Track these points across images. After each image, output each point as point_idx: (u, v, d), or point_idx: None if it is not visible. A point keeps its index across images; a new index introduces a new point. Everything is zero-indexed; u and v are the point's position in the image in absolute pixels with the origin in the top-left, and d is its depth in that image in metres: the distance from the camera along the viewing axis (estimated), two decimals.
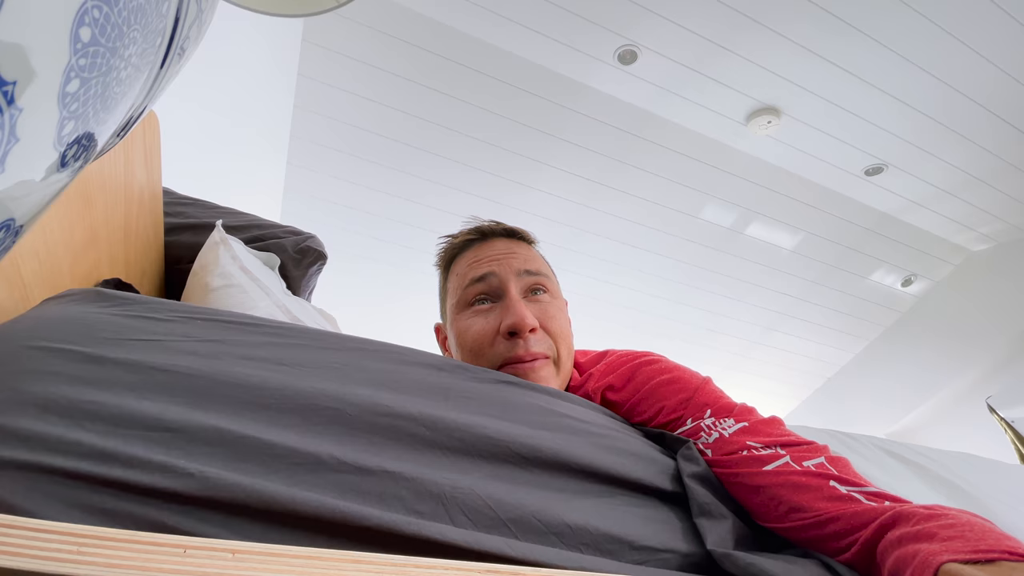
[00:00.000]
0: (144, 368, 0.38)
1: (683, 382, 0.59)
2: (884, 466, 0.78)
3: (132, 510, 0.30)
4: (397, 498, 0.36)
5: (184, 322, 0.44)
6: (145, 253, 0.79)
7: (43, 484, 0.30)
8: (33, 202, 0.23)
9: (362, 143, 2.39)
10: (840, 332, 3.59)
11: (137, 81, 0.24)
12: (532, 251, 0.74)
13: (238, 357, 0.42)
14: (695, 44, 1.98)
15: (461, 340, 0.66)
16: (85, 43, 0.19)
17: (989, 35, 1.88)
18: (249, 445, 0.35)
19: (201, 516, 0.31)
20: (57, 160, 0.21)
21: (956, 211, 2.77)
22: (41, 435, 0.31)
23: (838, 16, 1.85)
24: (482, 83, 2.19)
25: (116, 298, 0.46)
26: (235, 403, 0.38)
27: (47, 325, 0.39)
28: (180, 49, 0.28)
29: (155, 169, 0.81)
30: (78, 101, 0.20)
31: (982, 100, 2.13)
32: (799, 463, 0.47)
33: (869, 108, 2.20)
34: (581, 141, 2.43)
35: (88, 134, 0.23)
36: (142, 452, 0.32)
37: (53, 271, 0.53)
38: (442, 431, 0.41)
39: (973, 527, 0.36)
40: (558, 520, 0.39)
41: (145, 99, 0.28)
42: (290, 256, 0.94)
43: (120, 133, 0.31)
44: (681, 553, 0.42)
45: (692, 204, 2.75)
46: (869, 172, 2.55)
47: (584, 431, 0.49)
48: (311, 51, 2.06)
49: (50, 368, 0.35)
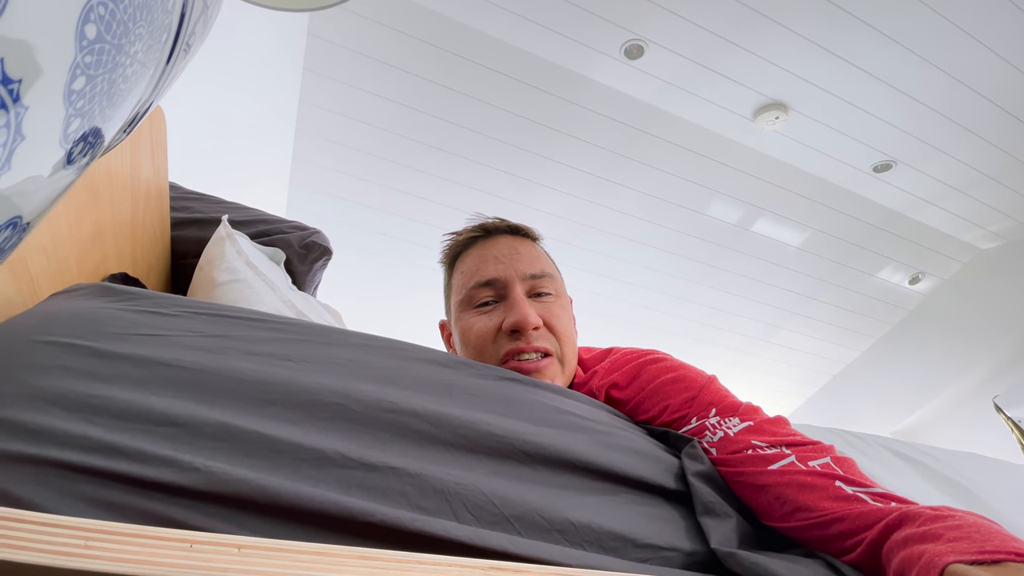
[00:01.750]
0: (151, 363, 0.38)
1: (688, 380, 0.59)
2: (889, 465, 0.78)
3: (139, 504, 0.31)
4: (401, 494, 0.36)
5: (190, 317, 0.44)
6: (152, 248, 0.79)
7: (50, 478, 0.30)
8: (40, 200, 0.23)
9: (367, 138, 2.39)
10: (846, 330, 3.57)
11: (143, 78, 0.24)
12: (536, 249, 0.73)
13: (243, 352, 0.42)
14: (702, 39, 1.96)
15: (465, 338, 0.66)
16: (91, 40, 0.19)
17: (999, 30, 1.86)
18: (254, 440, 0.35)
19: (207, 510, 0.32)
20: (63, 157, 0.21)
21: (965, 208, 2.75)
22: (48, 429, 0.32)
23: (846, 10, 1.83)
24: (487, 78, 2.18)
25: (123, 293, 0.46)
26: (240, 398, 0.38)
27: (55, 320, 0.40)
28: (186, 45, 0.28)
29: (161, 163, 0.81)
30: (84, 98, 0.20)
31: (992, 96, 2.11)
32: (804, 463, 0.46)
33: (877, 104, 2.18)
34: (586, 136, 2.42)
35: (95, 130, 0.23)
36: (148, 446, 0.33)
37: (60, 266, 0.53)
38: (446, 427, 0.41)
39: (980, 528, 0.35)
40: (561, 517, 0.39)
41: (151, 95, 0.28)
42: (295, 251, 0.94)
43: (127, 129, 0.31)
44: (685, 551, 0.42)
45: (698, 200, 2.74)
46: (877, 169, 2.52)
47: (588, 428, 0.48)
48: (316, 45, 2.06)
49: (58, 363, 0.36)
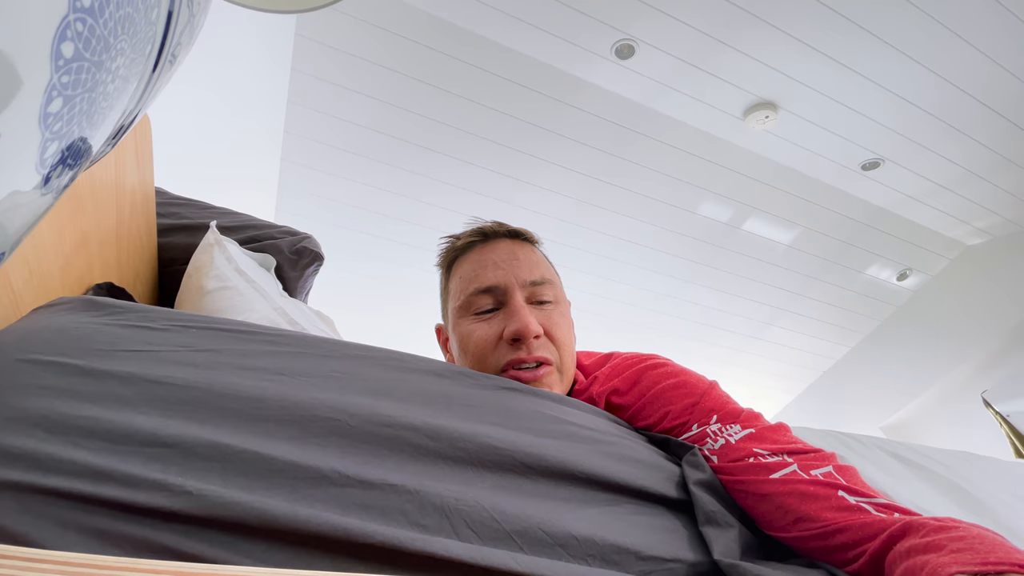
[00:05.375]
0: (139, 380, 0.37)
1: (689, 386, 0.59)
2: (884, 466, 0.78)
3: (129, 531, 0.30)
4: (400, 512, 0.35)
5: (180, 331, 0.43)
6: (138, 255, 0.78)
7: (35, 505, 0.29)
8: (15, 228, 0.22)
9: (357, 139, 2.37)
10: (835, 326, 3.60)
11: (126, 93, 0.23)
12: (536, 254, 0.72)
13: (235, 367, 0.41)
14: (693, 39, 1.96)
15: (463, 345, 0.65)
16: (68, 59, 0.18)
17: (986, 30, 1.88)
18: (248, 460, 0.34)
19: (201, 536, 0.31)
20: (40, 182, 0.20)
21: (952, 206, 2.78)
22: (32, 453, 0.30)
23: (836, 10, 1.84)
24: (478, 78, 2.17)
25: (108, 306, 0.44)
26: (233, 416, 0.37)
27: (37, 337, 0.38)
28: (171, 56, 0.27)
29: (147, 169, 0.79)
30: (61, 120, 0.19)
31: (978, 95, 2.13)
32: (807, 472, 0.46)
33: (866, 103, 2.20)
34: (578, 136, 2.42)
35: (74, 150, 0.21)
36: (138, 470, 0.31)
37: (43, 277, 0.51)
38: (445, 441, 0.41)
39: (984, 540, 0.35)
40: (564, 531, 0.39)
41: (136, 106, 0.27)
42: (286, 257, 0.92)
43: (111, 141, 0.29)
44: (688, 563, 0.42)
45: (689, 199, 2.75)
46: (865, 167, 2.55)
47: (589, 438, 0.48)
48: (304, 46, 2.03)
49: (41, 382, 0.34)
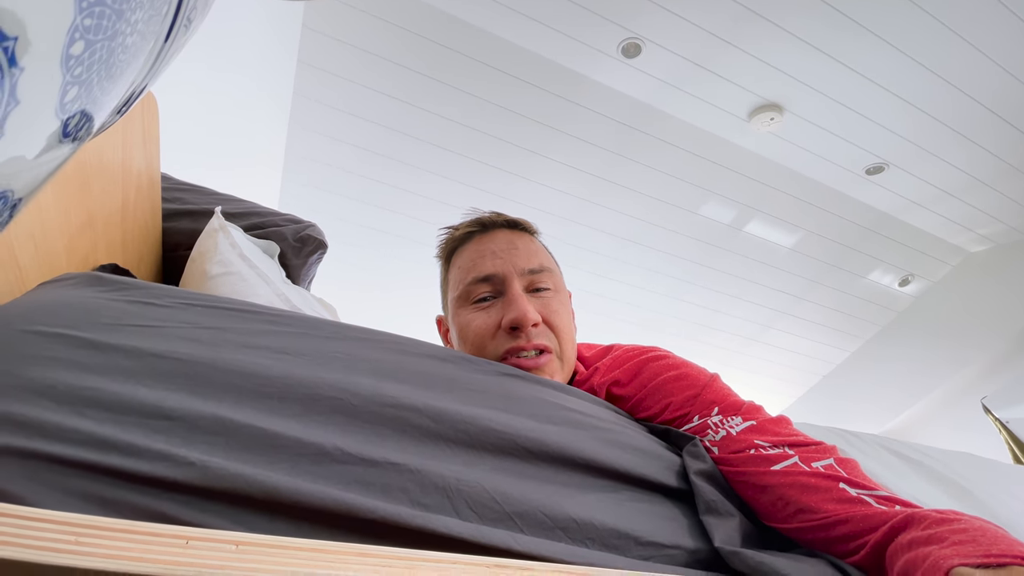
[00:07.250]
0: (144, 354, 0.37)
1: (691, 378, 0.59)
2: (885, 463, 0.78)
3: (131, 499, 0.30)
4: (402, 490, 0.36)
5: (184, 308, 0.43)
6: (143, 238, 0.78)
7: (40, 472, 0.29)
8: (33, 174, 0.22)
9: (362, 132, 2.37)
10: (836, 331, 3.60)
11: (142, 51, 0.23)
12: (534, 243, 0.72)
13: (239, 345, 0.41)
14: (699, 38, 1.96)
15: (463, 334, 0.65)
16: (91, 1, 0.18)
17: (996, 36, 1.87)
18: (251, 434, 0.34)
19: (202, 506, 0.31)
20: (59, 129, 0.20)
21: (955, 212, 2.77)
22: (38, 421, 0.31)
23: (844, 12, 1.83)
24: (484, 73, 2.17)
25: (115, 283, 0.44)
26: (236, 391, 0.37)
27: (44, 309, 0.38)
28: (187, 20, 0.27)
29: (153, 153, 0.80)
30: (82, 65, 0.19)
31: (986, 101, 2.13)
32: (808, 464, 0.46)
33: (872, 107, 2.19)
34: (582, 134, 2.42)
35: (91, 102, 0.21)
36: (142, 440, 0.32)
37: (49, 254, 0.52)
38: (447, 423, 0.41)
39: (985, 532, 0.35)
40: (564, 514, 0.39)
41: (147, 74, 0.27)
42: (290, 244, 0.92)
43: (120, 110, 0.30)
44: (688, 549, 0.42)
45: (692, 200, 2.74)
46: (870, 171, 2.54)
47: (589, 425, 0.48)
48: (311, 37, 2.03)
49: (48, 353, 0.34)
